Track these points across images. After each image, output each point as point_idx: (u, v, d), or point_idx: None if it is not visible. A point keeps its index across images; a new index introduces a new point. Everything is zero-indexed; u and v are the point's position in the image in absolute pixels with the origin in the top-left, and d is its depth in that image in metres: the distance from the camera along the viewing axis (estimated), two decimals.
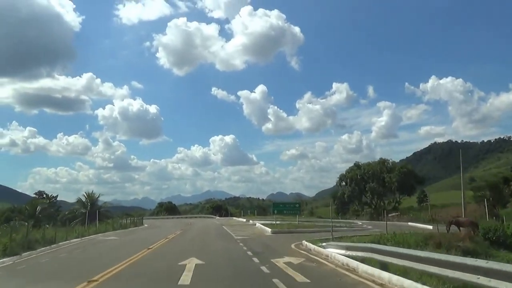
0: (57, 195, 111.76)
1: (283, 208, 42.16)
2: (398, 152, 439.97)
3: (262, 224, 42.84)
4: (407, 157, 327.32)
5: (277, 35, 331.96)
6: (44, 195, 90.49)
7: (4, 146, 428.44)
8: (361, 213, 74.34)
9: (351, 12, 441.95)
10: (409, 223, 46.19)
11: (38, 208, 56.69)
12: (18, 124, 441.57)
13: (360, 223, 49.65)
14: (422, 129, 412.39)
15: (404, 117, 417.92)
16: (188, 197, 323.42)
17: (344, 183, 76.07)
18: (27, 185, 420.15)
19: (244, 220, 63.84)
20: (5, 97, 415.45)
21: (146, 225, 61.94)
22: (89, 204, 61.61)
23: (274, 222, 40.05)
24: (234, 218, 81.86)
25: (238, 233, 33.35)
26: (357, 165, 75.28)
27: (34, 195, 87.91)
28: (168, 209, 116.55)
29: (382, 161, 72.48)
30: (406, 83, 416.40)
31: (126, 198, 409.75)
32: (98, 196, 63.70)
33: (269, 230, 34.16)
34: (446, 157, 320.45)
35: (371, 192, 69.44)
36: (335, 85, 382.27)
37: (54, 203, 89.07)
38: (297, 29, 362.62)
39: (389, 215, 62.62)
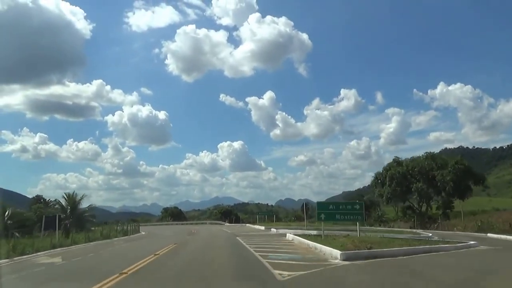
0: (56, 200, 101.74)
1: (335, 210, 23.73)
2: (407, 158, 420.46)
3: (298, 235, 26.66)
4: None
5: (285, 42, 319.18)
6: (42, 200, 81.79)
7: (15, 152, 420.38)
8: (403, 219, 58.85)
9: (359, 19, 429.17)
10: (475, 234, 34.12)
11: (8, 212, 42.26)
12: (29, 130, 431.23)
13: (430, 234, 33.76)
14: (431, 135, 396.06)
15: (413, 124, 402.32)
16: (196, 203, 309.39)
17: (379, 182, 60.17)
18: (37, 191, 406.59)
19: (263, 228, 49.09)
20: (16, 104, 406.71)
21: (143, 233, 51.73)
22: (69, 208, 46.60)
23: (321, 233, 24.52)
24: (248, 225, 67.23)
25: (271, 254, 17.05)
26: (397, 161, 59.63)
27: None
28: (174, 214, 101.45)
29: (430, 156, 56.53)
30: (415, 90, 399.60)
31: (135, 204, 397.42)
32: (81, 198, 48.39)
33: (335, 252, 16.09)
34: None
35: (418, 194, 53.73)
36: (343, 91, 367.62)
37: (52, 208, 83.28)
38: (305, 36, 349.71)
39: (438, 222, 47.87)
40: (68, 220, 43.26)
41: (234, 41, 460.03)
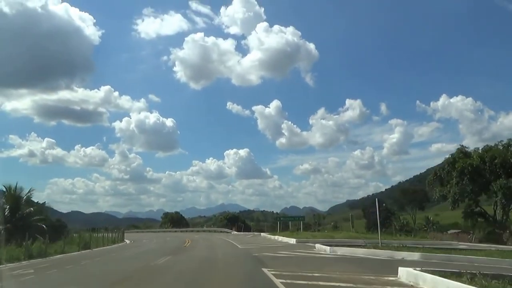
0: (44, 202, 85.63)
1: None
2: (409, 168, 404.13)
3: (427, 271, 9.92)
4: (420, 173, 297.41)
5: (293, 51, 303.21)
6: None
7: (22, 156, 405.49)
8: (476, 231, 41.58)
9: (365, 31, 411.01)
10: None
11: None
12: (36, 135, 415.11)
13: None
14: (433, 146, 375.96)
15: (415, 135, 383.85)
16: (202, 210, 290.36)
17: (438, 179, 42.69)
18: (44, 196, 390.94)
19: (292, 240, 29.74)
20: (24, 108, 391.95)
21: (127, 242, 42.19)
22: (7, 206, 29.44)
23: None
24: (263, 234, 48.39)
25: None
26: (463, 151, 42.20)
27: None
28: (174, 220, 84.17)
29: None
30: (418, 101, 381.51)
31: (141, 210, 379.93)
32: (29, 192, 31.61)
33: None
34: None
35: (503, 194, 36.34)
36: (348, 102, 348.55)
37: (40, 211, 66.88)
38: (312, 46, 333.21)
39: None
40: (2, 226, 26.69)
41: (242, 50, 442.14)
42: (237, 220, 78.50)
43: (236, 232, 59.20)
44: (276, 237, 37.29)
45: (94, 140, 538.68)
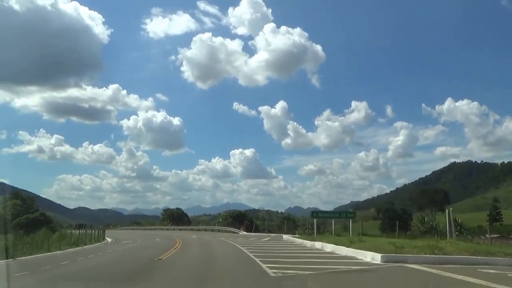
0: (35, 196, 78.01)
1: None
2: (414, 171, 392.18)
3: None
4: (426, 176, 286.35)
5: (299, 52, 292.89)
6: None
7: (31, 152, 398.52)
8: None
9: (371, 33, 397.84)
10: None
11: None
12: (45, 132, 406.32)
13: None
14: (438, 149, 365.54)
15: (420, 138, 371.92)
16: (207, 208, 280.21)
17: None
18: (52, 191, 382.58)
19: (374, 257, 13.82)
20: (34, 105, 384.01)
21: (108, 240, 36.98)
22: None
23: None
24: (286, 237, 35.00)
25: None
26: None
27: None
28: (174, 217, 74.00)
29: None
30: (423, 104, 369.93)
31: (147, 207, 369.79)
32: None
33: None
34: (466, 177, 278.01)
35: None
36: (354, 104, 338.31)
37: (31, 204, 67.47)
38: (318, 48, 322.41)
39: None
40: None
41: (249, 50, 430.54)
42: (244, 218, 68.29)
43: (245, 233, 47.38)
44: (318, 244, 23.09)
45: (102, 138, 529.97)
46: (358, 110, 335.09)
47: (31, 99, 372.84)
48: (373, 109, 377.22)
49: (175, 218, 70.99)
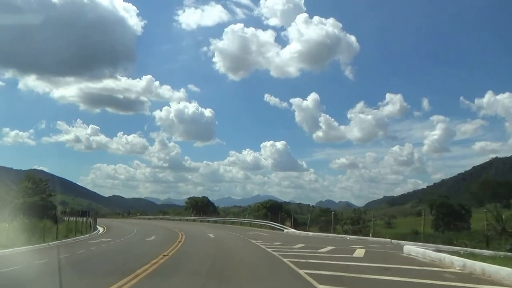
0: (48, 179, 66.15)
1: None
2: (450, 166, 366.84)
3: None
4: (465, 171, 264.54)
5: (333, 43, 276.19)
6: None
7: (69, 142, 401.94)
8: None
9: (408, 24, 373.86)
10: None
11: None
12: (82, 122, 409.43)
13: None
14: (476, 144, 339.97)
15: (458, 132, 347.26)
16: (238, 200, 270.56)
17: None
18: (88, 180, 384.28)
19: None
20: (71, 96, 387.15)
21: (100, 230, 35.20)
22: None
23: None
24: (411, 248, 16.30)
25: None
26: None
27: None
28: (198, 207, 61.76)
29: None
30: (461, 97, 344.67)
31: (179, 197, 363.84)
32: None
33: None
34: (509, 172, 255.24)
35: None
36: (388, 96, 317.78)
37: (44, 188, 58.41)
38: (353, 38, 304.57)
39: None
40: None
41: (281, 41, 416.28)
42: (280, 210, 55.38)
43: (293, 230, 32.45)
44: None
45: (136, 128, 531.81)
46: (393, 102, 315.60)
47: (68, 90, 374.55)
48: (408, 102, 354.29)
49: (200, 207, 58.70)
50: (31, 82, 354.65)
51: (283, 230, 32.50)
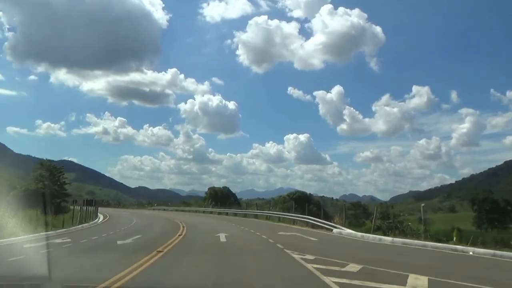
0: (62, 167, 63.80)
1: None
2: (479, 161, 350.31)
3: None
4: (497, 166, 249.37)
5: (358, 34, 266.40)
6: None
7: (97, 133, 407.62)
8: None
9: (435, 14, 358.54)
10: None
11: None
12: (110, 114, 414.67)
13: None
14: (507, 138, 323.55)
15: (488, 125, 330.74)
16: (261, 192, 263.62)
17: None
18: (115, 171, 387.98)
19: None
20: (99, 89, 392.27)
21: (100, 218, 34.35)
22: None
23: None
24: None
25: None
26: None
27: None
28: (217, 198, 55.15)
29: None
30: (492, 90, 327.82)
31: (203, 189, 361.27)
32: None
33: None
34: None
35: None
36: (415, 88, 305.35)
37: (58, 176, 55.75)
38: (378, 29, 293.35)
39: None
40: None
41: (305, 33, 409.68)
42: (309, 202, 48.27)
43: (350, 231, 20.70)
44: None
45: (161, 121, 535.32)
46: (420, 95, 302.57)
47: (97, 83, 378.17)
48: (436, 95, 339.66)
49: (219, 198, 52.09)
50: (61, 75, 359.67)
51: (332, 230, 21.63)
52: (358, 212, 56.53)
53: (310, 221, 25.17)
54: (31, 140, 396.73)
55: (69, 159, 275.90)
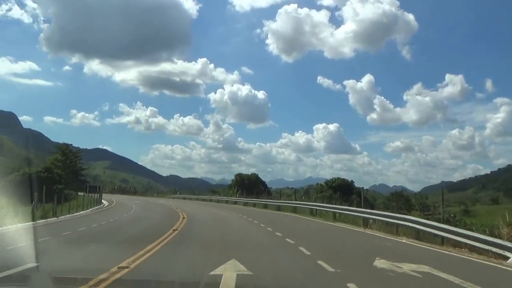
0: (78, 152, 62.06)
1: None
2: None
3: None
4: None
5: (389, 22, 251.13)
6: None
7: (130, 123, 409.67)
8: None
9: (469, 0, 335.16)
10: None
11: None
12: (142, 104, 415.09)
13: None
14: None
15: None
16: (290, 182, 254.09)
17: None
18: (147, 160, 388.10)
19: None
20: (131, 79, 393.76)
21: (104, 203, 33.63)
22: None
23: None
24: None
25: None
26: None
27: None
28: (245, 184, 47.00)
29: None
30: None
31: (233, 178, 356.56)
32: None
33: None
34: None
35: None
36: (448, 77, 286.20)
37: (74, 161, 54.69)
38: (411, 17, 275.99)
39: None
40: None
41: (336, 21, 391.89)
42: (351, 191, 39.62)
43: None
44: None
45: (191, 110, 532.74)
46: (453, 84, 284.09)
47: (128, 73, 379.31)
48: (470, 83, 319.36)
49: (246, 185, 43.93)
50: (94, 66, 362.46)
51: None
52: (400, 203, 47.50)
53: (426, 229, 12.16)
54: (67, 129, 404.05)
55: (103, 148, 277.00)
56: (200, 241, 11.44)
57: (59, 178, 36.49)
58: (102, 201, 36.40)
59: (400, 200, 50.83)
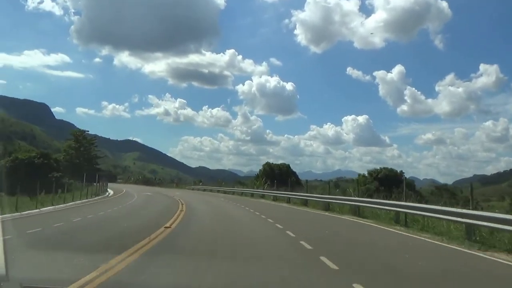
0: (93, 139, 55.32)
1: None
2: None
3: None
4: None
5: (422, 10, 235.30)
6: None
7: (159, 115, 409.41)
8: None
9: None
10: None
11: None
12: (170, 96, 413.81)
13: None
14: None
15: None
16: (319, 174, 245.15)
17: None
18: (176, 151, 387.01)
19: None
20: (160, 71, 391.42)
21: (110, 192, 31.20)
22: None
23: None
24: None
25: None
26: None
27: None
28: (275, 174, 39.57)
29: None
30: None
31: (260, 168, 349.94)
32: None
33: None
34: None
35: None
36: (482, 67, 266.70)
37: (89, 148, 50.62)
38: (444, 4, 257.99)
39: None
40: None
41: (366, 10, 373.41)
42: (399, 184, 31.58)
43: None
44: None
45: (220, 102, 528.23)
46: (488, 74, 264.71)
47: (157, 65, 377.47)
48: (505, 73, 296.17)
49: (276, 176, 36.51)
50: (124, 58, 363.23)
51: None
52: (445, 198, 39.15)
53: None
54: (98, 120, 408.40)
55: (133, 139, 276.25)
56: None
57: (57, 165, 30.60)
58: (108, 190, 30.55)
59: (445, 195, 42.86)
